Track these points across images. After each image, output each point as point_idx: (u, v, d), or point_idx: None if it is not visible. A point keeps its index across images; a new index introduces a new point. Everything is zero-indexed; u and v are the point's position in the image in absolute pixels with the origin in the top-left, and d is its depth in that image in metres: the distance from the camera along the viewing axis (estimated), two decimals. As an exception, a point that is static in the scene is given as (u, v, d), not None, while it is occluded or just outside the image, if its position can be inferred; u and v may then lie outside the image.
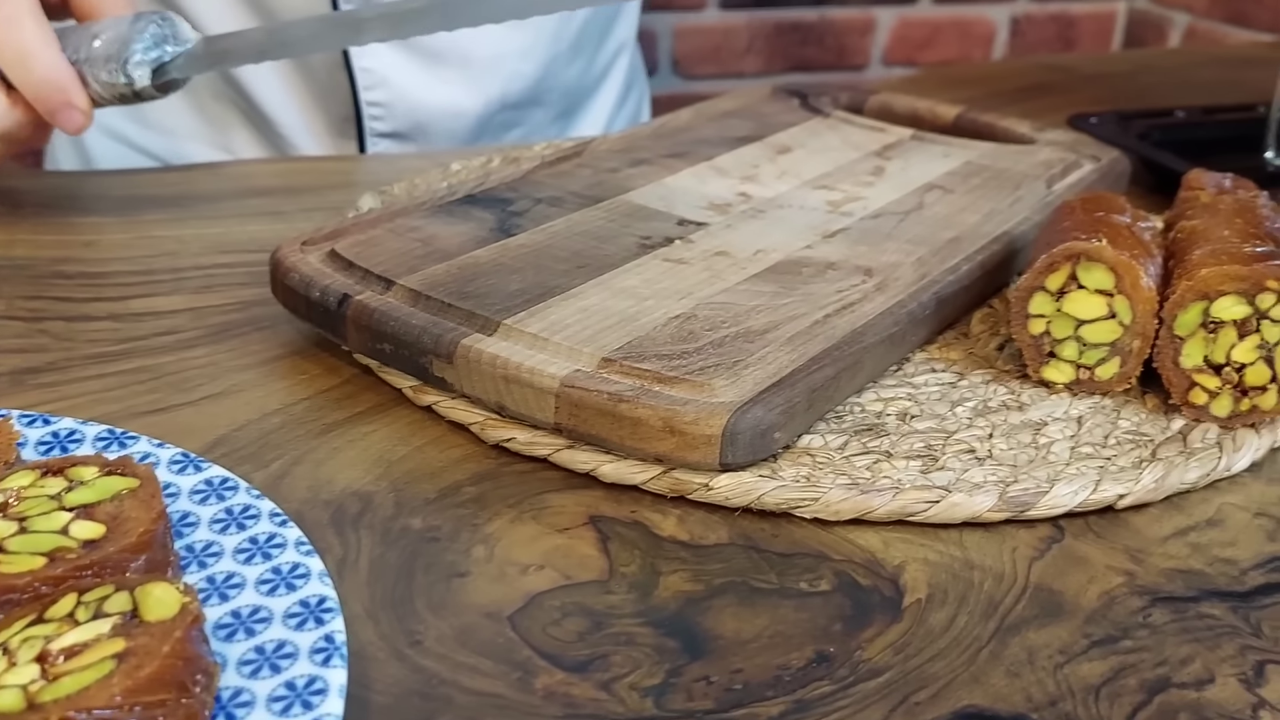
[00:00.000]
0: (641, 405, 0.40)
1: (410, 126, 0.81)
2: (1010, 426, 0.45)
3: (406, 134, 0.81)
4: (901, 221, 0.57)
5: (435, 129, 0.81)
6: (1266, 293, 0.44)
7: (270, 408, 0.46)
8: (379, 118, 0.80)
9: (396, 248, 0.51)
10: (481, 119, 0.82)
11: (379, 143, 0.81)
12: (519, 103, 0.83)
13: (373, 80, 0.79)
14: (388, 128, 0.81)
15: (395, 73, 0.79)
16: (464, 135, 0.82)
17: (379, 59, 0.78)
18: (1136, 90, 0.95)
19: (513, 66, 0.82)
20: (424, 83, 0.79)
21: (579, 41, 0.86)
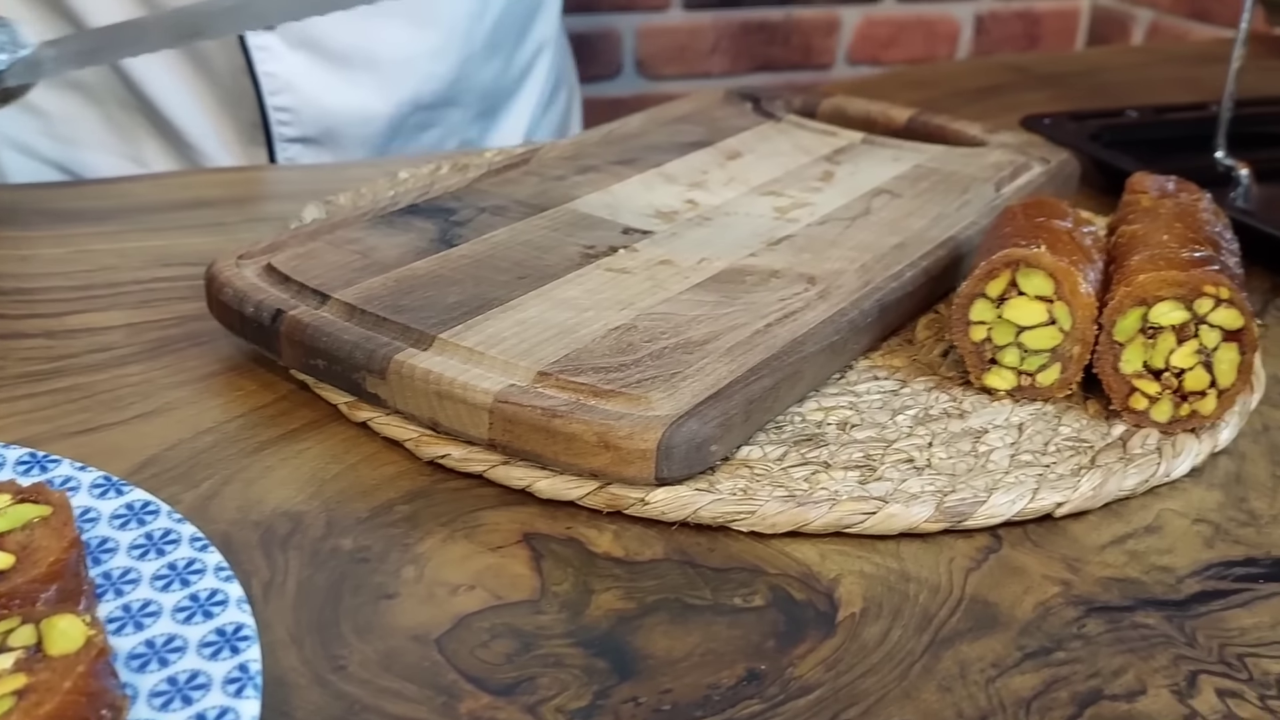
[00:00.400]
0: (576, 420, 0.40)
1: (320, 131, 0.80)
2: (950, 435, 0.45)
3: (317, 139, 0.80)
4: (847, 228, 0.57)
5: (346, 133, 0.81)
6: (1203, 298, 0.44)
7: (203, 426, 0.45)
8: (286, 123, 0.79)
9: (335, 260, 0.50)
10: (394, 121, 0.81)
11: (289, 148, 0.80)
12: (433, 104, 0.82)
13: (277, 85, 0.78)
14: (296, 133, 0.80)
15: (300, 78, 0.78)
16: (377, 138, 0.81)
17: (283, 63, 0.77)
18: (1094, 89, 0.95)
19: (425, 68, 0.81)
20: (331, 86, 0.79)
21: (494, 41, 0.85)
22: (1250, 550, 0.41)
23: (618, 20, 1.53)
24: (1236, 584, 0.39)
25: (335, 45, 0.78)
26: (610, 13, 1.53)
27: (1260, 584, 0.39)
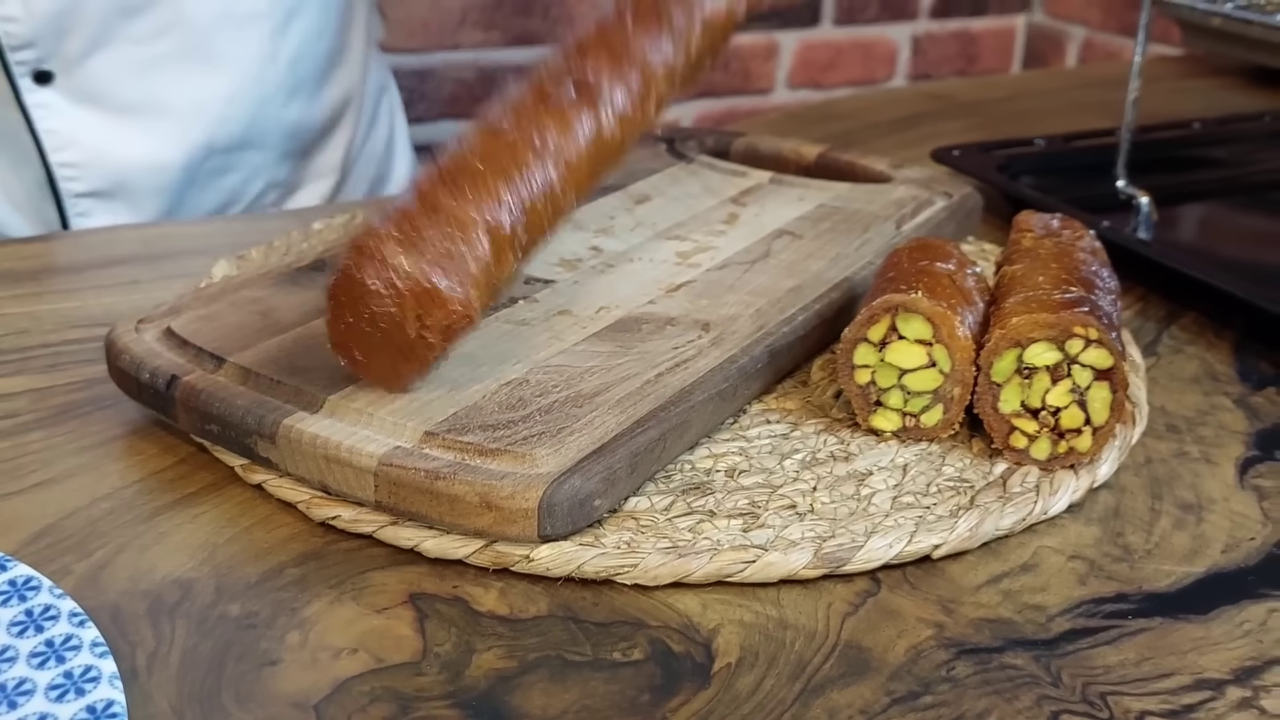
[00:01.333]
0: (459, 482, 0.41)
1: (111, 184, 0.79)
2: (835, 478, 0.46)
3: (108, 191, 0.79)
4: (746, 271, 0.58)
5: (139, 183, 0.79)
6: (1074, 339, 0.45)
7: (101, 492, 0.46)
8: (74, 178, 0.78)
9: (235, 322, 0.51)
10: (188, 168, 0.80)
11: (79, 203, 0.79)
12: (229, 147, 0.81)
13: (60, 142, 0.76)
14: (85, 188, 0.78)
15: (85, 132, 0.77)
16: (173, 185, 0.80)
17: (64, 118, 0.76)
18: (1014, 115, 0.97)
19: (217, 112, 0.80)
20: (119, 138, 0.77)
21: (293, 82, 0.84)
22: (1122, 586, 0.42)
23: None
24: (1106, 621, 0.40)
25: (119, 97, 0.77)
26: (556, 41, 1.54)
27: (1129, 620, 0.41)
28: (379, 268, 0.43)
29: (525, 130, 0.46)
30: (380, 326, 0.43)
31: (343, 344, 0.45)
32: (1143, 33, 0.67)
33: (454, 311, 0.43)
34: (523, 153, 0.46)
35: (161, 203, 0.81)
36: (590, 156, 0.48)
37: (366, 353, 0.45)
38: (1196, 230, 0.77)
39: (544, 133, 0.46)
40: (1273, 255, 0.73)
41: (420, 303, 0.43)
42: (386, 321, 0.43)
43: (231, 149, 0.82)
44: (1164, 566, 0.43)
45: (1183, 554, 0.44)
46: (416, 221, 0.44)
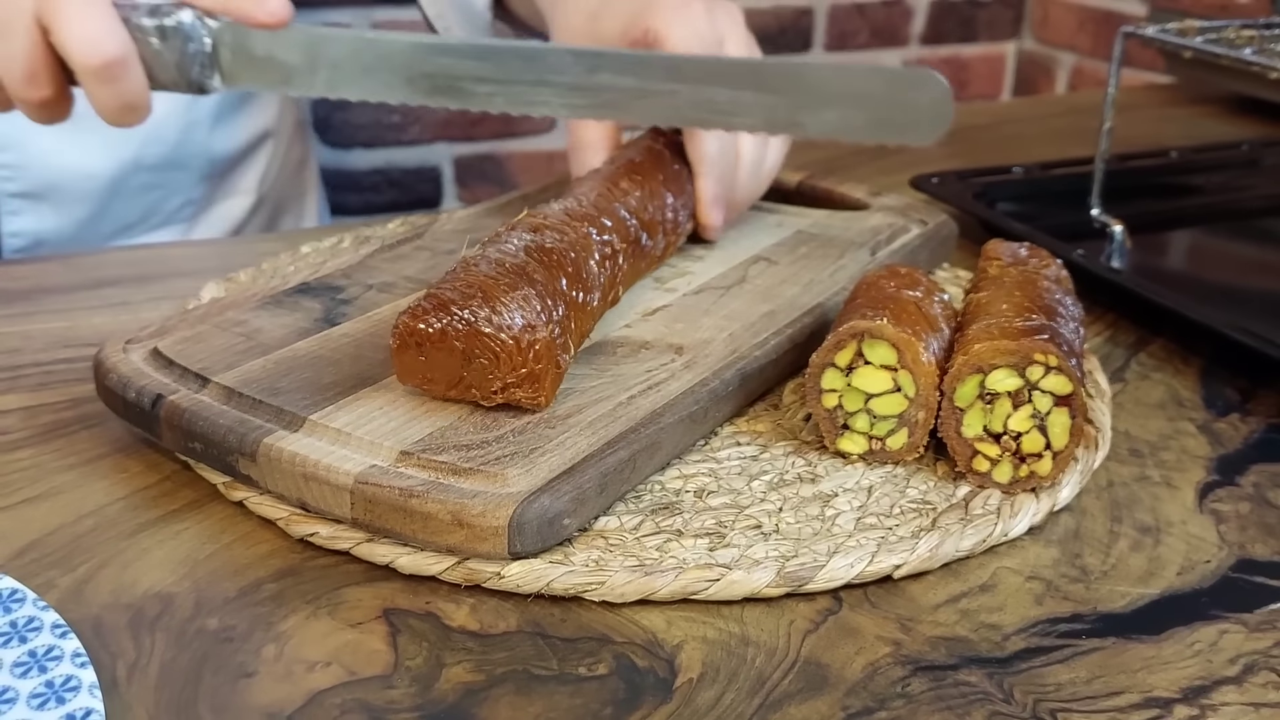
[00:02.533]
0: (431, 500, 0.42)
1: (43, 188, 0.82)
2: (801, 499, 0.47)
3: (39, 194, 0.83)
4: (722, 296, 0.59)
5: (68, 189, 0.83)
6: (1035, 365, 0.46)
7: (86, 509, 0.47)
8: (10, 179, 0.81)
9: (220, 343, 0.52)
10: (115, 180, 0.84)
11: (11, 202, 0.82)
12: (156, 166, 0.85)
13: (7, 141, 0.80)
14: (18, 189, 0.82)
15: (26, 136, 0.80)
16: (99, 194, 0.84)
17: (8, 123, 0.76)
18: (997, 142, 0.98)
19: (148, 132, 0.82)
20: (56, 146, 0.81)
21: (218, 113, 0.88)
22: (1078, 606, 0.43)
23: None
24: (1060, 640, 0.42)
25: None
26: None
27: (1082, 639, 0.42)
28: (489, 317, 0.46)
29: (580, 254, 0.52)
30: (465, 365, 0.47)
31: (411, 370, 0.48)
32: (1115, 66, 0.69)
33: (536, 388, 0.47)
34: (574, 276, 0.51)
35: (86, 209, 0.84)
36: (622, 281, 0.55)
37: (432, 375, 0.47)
38: (1169, 258, 0.78)
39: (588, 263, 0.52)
40: (1242, 283, 0.74)
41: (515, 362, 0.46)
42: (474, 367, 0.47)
43: (157, 167, 0.85)
44: (1119, 588, 0.44)
45: (1139, 575, 0.45)
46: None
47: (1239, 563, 0.46)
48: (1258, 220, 0.83)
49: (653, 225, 0.58)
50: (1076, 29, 1.59)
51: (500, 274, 0.47)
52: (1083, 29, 1.58)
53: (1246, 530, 0.48)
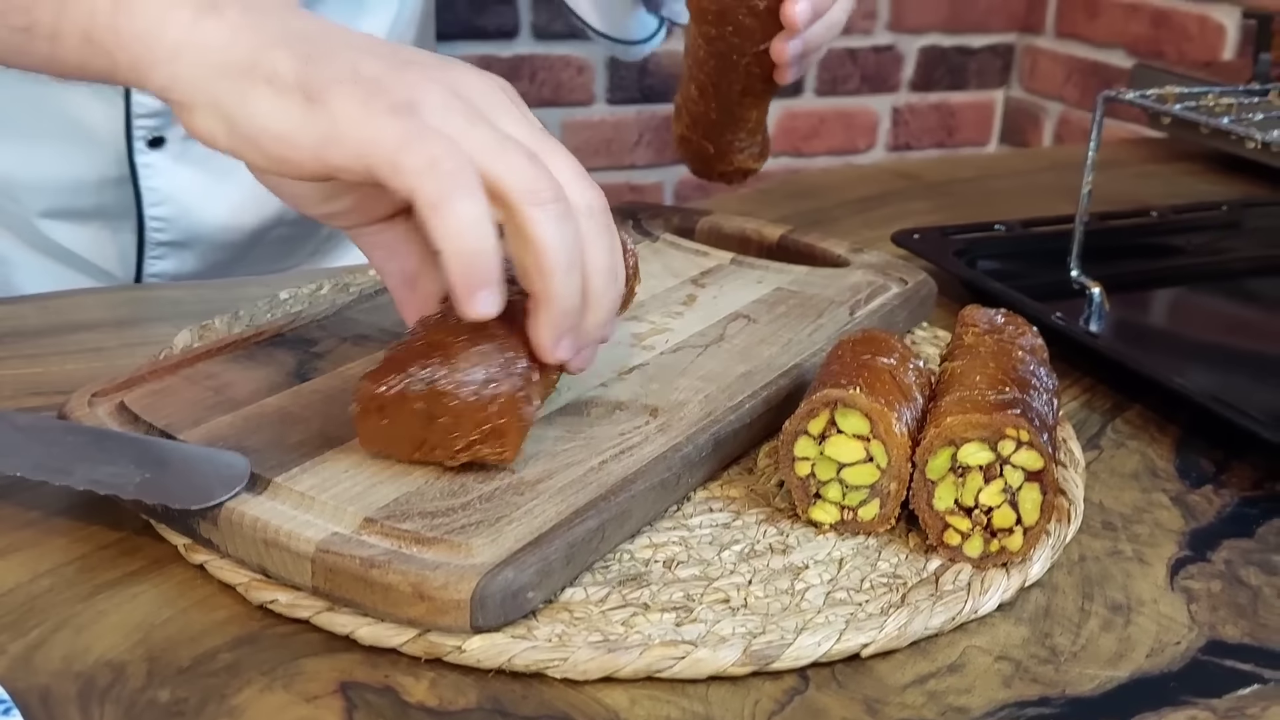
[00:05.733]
0: (393, 571, 0.41)
1: (189, 237, 0.85)
2: (771, 571, 0.47)
3: (184, 243, 0.85)
4: (699, 355, 0.59)
5: (212, 239, 0.85)
6: (1006, 440, 0.46)
7: (43, 568, 0.46)
8: (160, 230, 0.84)
9: (188, 398, 0.52)
10: (257, 232, 0.86)
11: (157, 249, 0.85)
12: (296, 220, 0.87)
13: (158, 198, 0.82)
14: (167, 238, 0.84)
15: (179, 191, 0.82)
16: (240, 244, 0.87)
17: (165, 178, 0.82)
18: (981, 196, 0.99)
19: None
20: (206, 200, 0.83)
21: None
22: (1045, 689, 0.43)
23: (544, 114, 1.56)
24: (1027, 723, 0.41)
25: (215, 165, 0.81)
26: (536, 106, 1.56)
27: (1050, 723, 0.41)
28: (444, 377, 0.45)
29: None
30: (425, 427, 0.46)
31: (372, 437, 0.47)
32: (1096, 130, 0.69)
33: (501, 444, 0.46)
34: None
35: (225, 255, 0.86)
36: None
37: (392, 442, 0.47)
38: (1148, 320, 0.78)
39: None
40: (1222, 346, 0.74)
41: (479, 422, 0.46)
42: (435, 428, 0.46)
43: (296, 221, 0.87)
44: (1089, 670, 0.44)
45: (1108, 657, 0.44)
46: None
47: (1209, 644, 0.45)
48: (1237, 281, 0.83)
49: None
50: (1064, 80, 1.60)
51: (458, 331, 0.47)
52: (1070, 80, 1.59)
53: (1217, 610, 0.47)
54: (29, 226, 0.84)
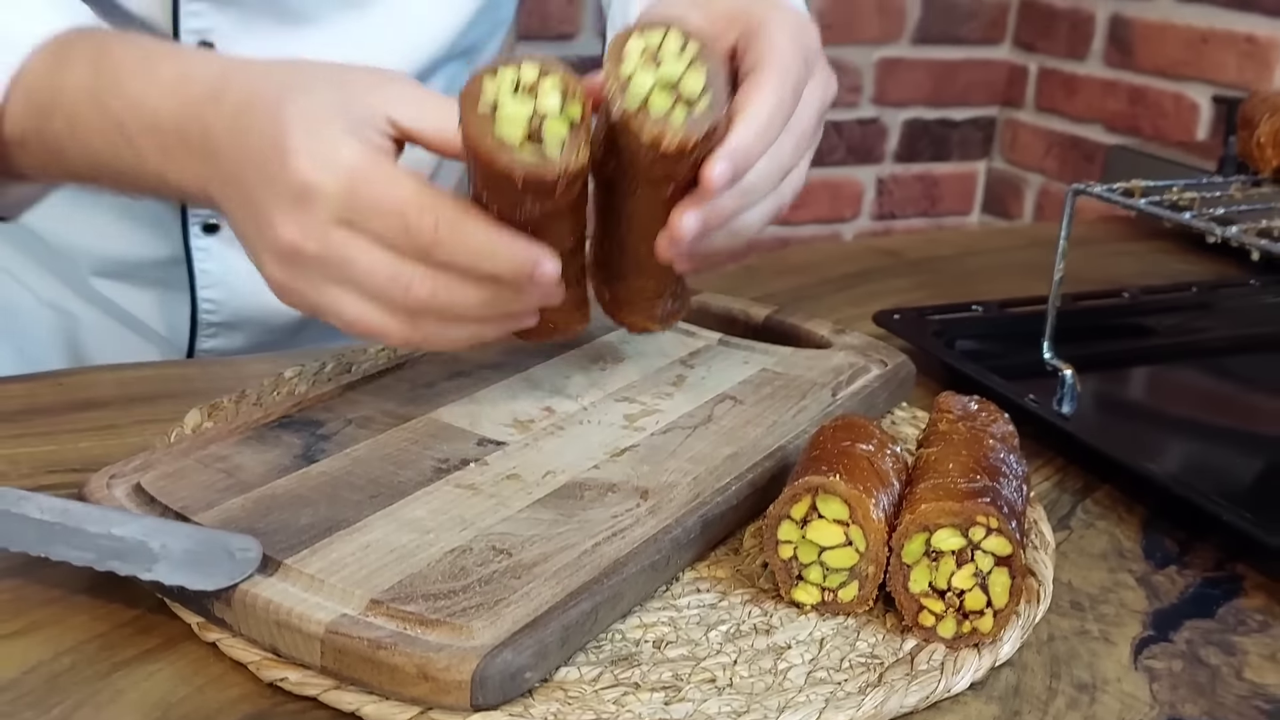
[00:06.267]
0: (398, 652, 0.44)
1: (239, 319, 0.88)
2: (756, 651, 0.49)
3: (235, 324, 0.88)
4: (688, 436, 0.62)
5: (261, 320, 0.89)
6: (977, 526, 0.49)
7: (65, 645, 0.48)
8: (212, 311, 0.87)
9: (201, 480, 0.54)
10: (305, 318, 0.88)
11: (209, 329, 0.88)
12: None
13: (211, 280, 0.86)
14: (219, 319, 0.88)
15: (232, 274, 0.85)
16: (287, 327, 0.90)
17: (219, 262, 0.85)
18: (960, 275, 1.02)
19: None
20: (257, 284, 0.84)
21: None
22: (1014, 764, 0.45)
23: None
24: (996, 799, 0.43)
25: None
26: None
27: (1018, 799, 0.44)
28: None
29: None
30: None
31: None
32: (1066, 221, 0.72)
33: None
34: None
35: (275, 335, 0.89)
36: None
37: None
38: (1119, 400, 0.81)
39: None
40: (1191, 425, 0.77)
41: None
42: None
43: None
44: (1055, 746, 0.46)
45: (1074, 734, 0.47)
46: None
47: (1170, 723, 0.48)
48: (1207, 361, 0.86)
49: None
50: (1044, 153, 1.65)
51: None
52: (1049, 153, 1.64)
53: (1178, 689, 0.50)
54: (84, 284, 0.87)
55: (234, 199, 0.55)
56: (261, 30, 0.78)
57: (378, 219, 0.51)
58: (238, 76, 0.56)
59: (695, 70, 0.49)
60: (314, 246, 0.52)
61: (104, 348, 0.89)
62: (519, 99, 0.49)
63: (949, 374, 0.76)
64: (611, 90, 0.49)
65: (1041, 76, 1.73)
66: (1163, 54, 1.60)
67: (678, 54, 0.49)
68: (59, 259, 0.86)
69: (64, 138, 0.60)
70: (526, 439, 0.61)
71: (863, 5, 1.66)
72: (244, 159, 0.53)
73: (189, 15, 0.76)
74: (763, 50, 0.56)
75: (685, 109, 0.49)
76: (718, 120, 0.50)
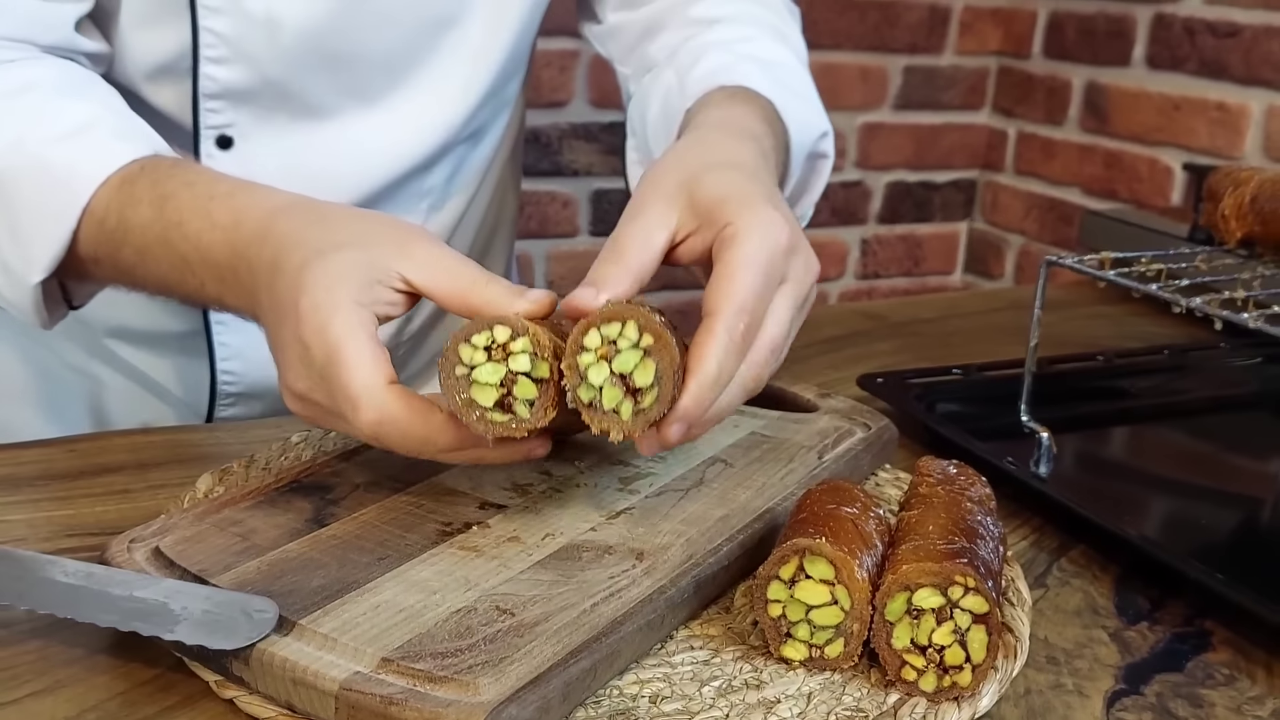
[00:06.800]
0: (409, 708, 0.46)
1: (256, 389, 0.92)
2: (746, 705, 0.52)
3: (252, 394, 0.92)
4: (681, 499, 0.65)
5: (278, 394, 0.90)
6: (955, 585, 0.52)
7: (89, 703, 0.51)
8: (231, 382, 0.90)
9: (218, 544, 0.57)
10: None
11: (228, 398, 0.92)
12: None
13: (229, 353, 0.89)
14: (237, 390, 0.91)
15: (248, 347, 0.88)
16: None
17: (236, 335, 0.88)
18: (941, 337, 1.06)
19: None
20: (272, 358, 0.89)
21: (425, 333, 0.98)
22: (992, 812, 0.48)
23: (530, 245, 1.64)
24: (975, 845, 0.46)
25: None
26: (524, 238, 1.64)
27: (995, 845, 0.46)
28: None
29: None
30: None
31: None
32: (1040, 291, 0.76)
33: None
34: None
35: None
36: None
37: None
38: (1094, 461, 0.84)
39: None
40: (1164, 485, 0.80)
41: None
42: None
43: None
44: (1031, 795, 0.49)
45: (1049, 783, 0.49)
46: None
47: (1140, 772, 0.50)
48: (1179, 421, 0.90)
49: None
50: (1023, 214, 1.70)
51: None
52: (1029, 215, 1.69)
53: (1148, 740, 0.52)
54: (105, 349, 0.90)
55: (269, 333, 0.62)
56: (278, 125, 0.82)
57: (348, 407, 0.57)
58: (280, 225, 0.62)
59: (646, 365, 0.54)
60: (320, 398, 0.58)
61: (128, 412, 0.92)
62: (492, 363, 0.55)
63: (930, 436, 0.80)
64: (569, 378, 0.55)
65: (1020, 141, 1.78)
66: (1137, 120, 1.65)
67: (634, 343, 0.54)
68: (83, 326, 0.89)
69: (135, 265, 0.68)
70: (526, 502, 0.64)
71: (846, 72, 1.71)
72: (272, 308, 0.60)
73: (208, 113, 0.80)
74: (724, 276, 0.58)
75: (633, 401, 0.55)
76: (664, 412, 0.55)
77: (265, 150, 0.83)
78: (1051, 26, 1.75)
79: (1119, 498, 0.77)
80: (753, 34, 0.88)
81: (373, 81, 0.84)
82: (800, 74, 0.88)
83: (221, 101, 0.80)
